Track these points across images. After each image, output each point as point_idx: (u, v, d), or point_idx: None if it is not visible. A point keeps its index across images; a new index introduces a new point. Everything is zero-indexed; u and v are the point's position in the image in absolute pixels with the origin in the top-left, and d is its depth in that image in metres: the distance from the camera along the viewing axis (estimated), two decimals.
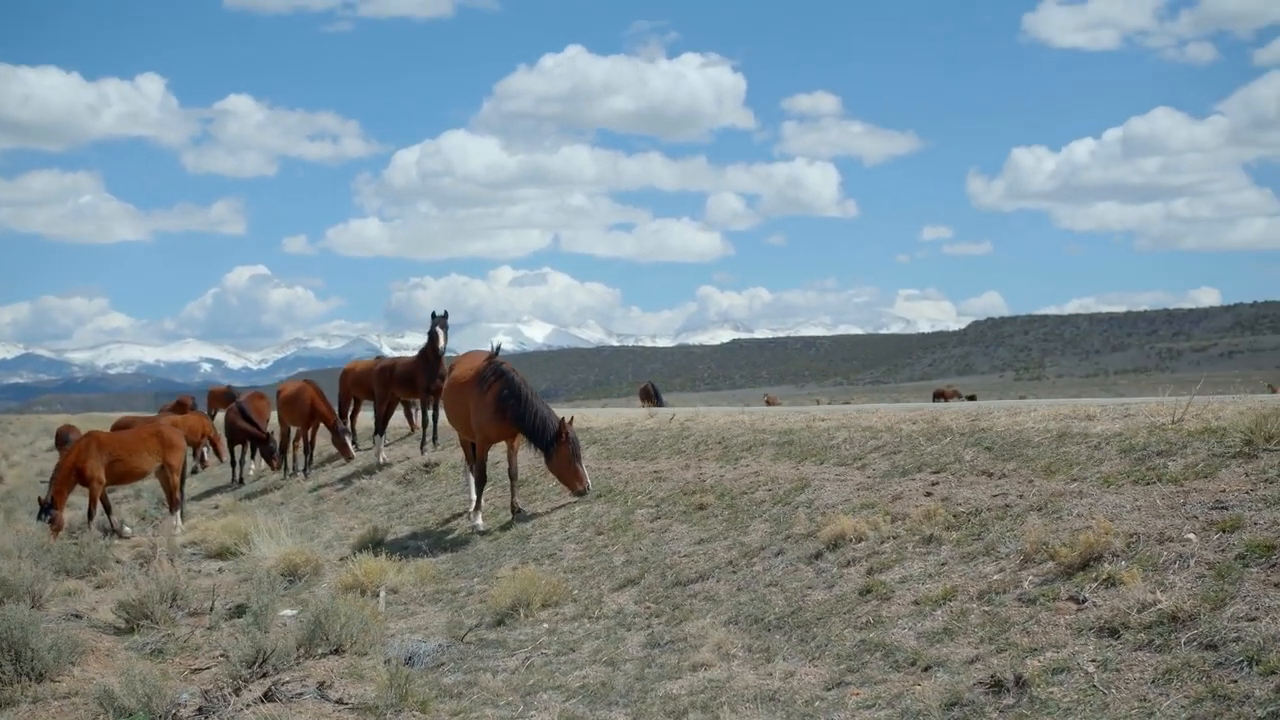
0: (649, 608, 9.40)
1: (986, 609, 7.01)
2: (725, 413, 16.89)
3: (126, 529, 19.88)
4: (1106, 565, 6.83)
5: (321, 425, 24.07)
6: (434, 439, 21.36)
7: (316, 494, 21.14)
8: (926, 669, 6.57)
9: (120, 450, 19.08)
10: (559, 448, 13.67)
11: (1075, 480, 8.55)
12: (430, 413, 21.42)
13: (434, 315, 20.82)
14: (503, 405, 13.99)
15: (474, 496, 15.05)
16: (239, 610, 12.32)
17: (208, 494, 24.81)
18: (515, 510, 14.07)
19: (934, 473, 9.95)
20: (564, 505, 13.94)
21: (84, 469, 18.65)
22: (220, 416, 38.05)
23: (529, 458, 15.32)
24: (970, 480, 9.40)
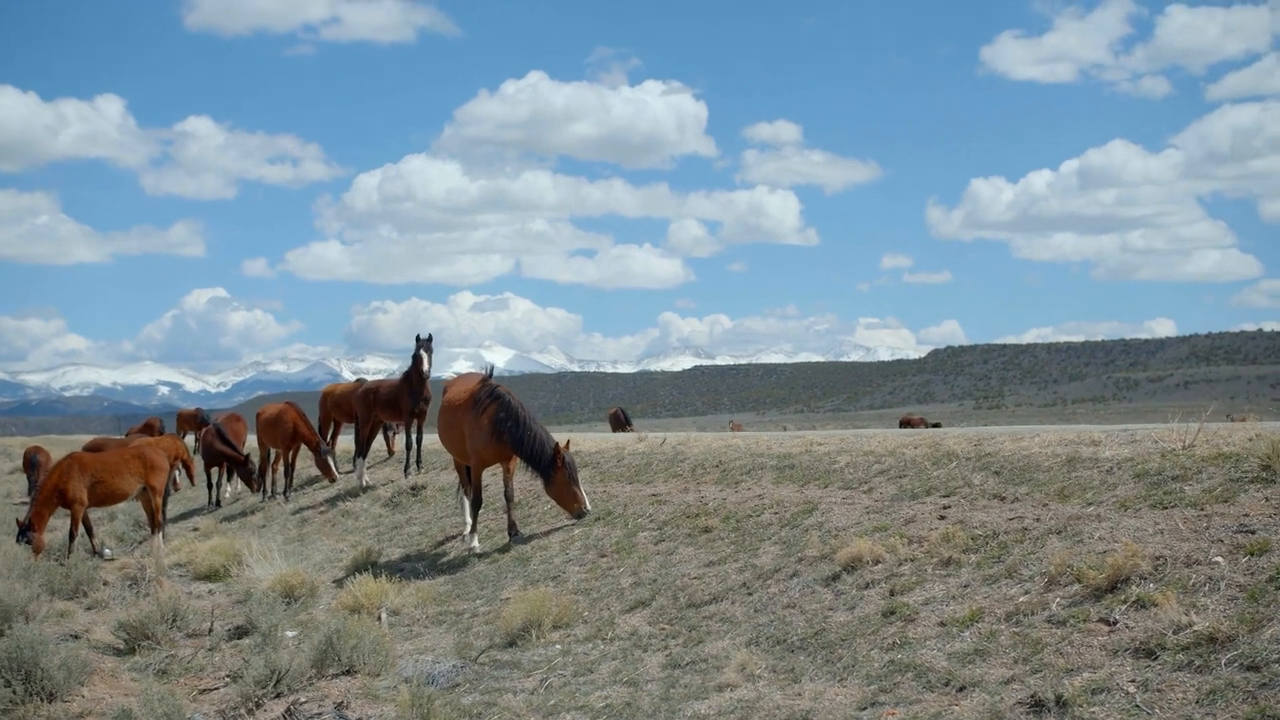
0: (664, 629, 9.44)
1: (1016, 630, 7.10)
2: (717, 437, 16.95)
3: (107, 551, 19.70)
4: (1135, 587, 6.94)
5: (302, 447, 24.00)
6: (418, 462, 21.30)
7: (300, 516, 21.02)
8: (961, 689, 6.65)
9: (103, 472, 18.93)
10: (556, 471, 13.71)
11: (1091, 504, 8.68)
12: (414, 436, 21.37)
13: (418, 339, 20.82)
14: (499, 428, 14.01)
15: (469, 519, 15.05)
16: (239, 631, 12.27)
17: (184, 516, 24.60)
18: (513, 532, 14.07)
19: (944, 496, 10.07)
20: (561, 528, 13.96)
21: (66, 490, 18.48)
22: (190, 439, 37.81)
23: (521, 480, 15.34)
24: (983, 504, 9.52)
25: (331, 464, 23.19)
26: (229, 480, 26.87)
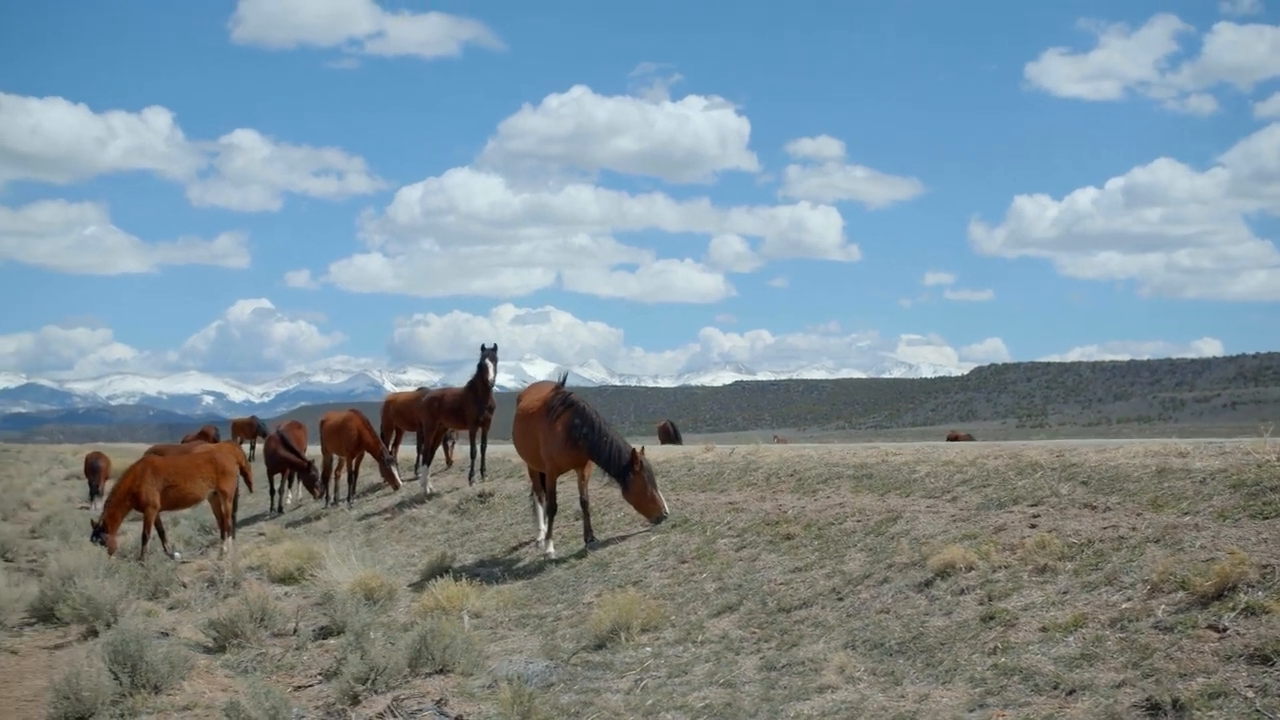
0: (754, 633, 9.56)
1: (1122, 636, 7.17)
2: (787, 448, 17.06)
3: (176, 554, 20.04)
4: (1244, 595, 7.00)
5: (364, 455, 24.30)
6: (482, 470, 21.49)
7: (366, 522, 21.28)
8: (1071, 692, 6.73)
9: (175, 476, 19.27)
10: (635, 476, 13.88)
11: (1187, 514, 8.72)
12: (479, 444, 21.57)
13: (483, 348, 21.03)
14: (574, 434, 14.19)
15: (542, 525, 15.23)
16: (324, 632, 12.49)
17: (247, 522, 24.89)
18: (588, 538, 14.21)
19: (1031, 506, 10.13)
20: (636, 534, 14.10)
21: (140, 493, 18.82)
22: (245, 447, 38.28)
23: (590, 488, 15.50)
24: (1074, 513, 9.57)
25: (395, 472, 23.45)
26: (289, 486, 27.24)
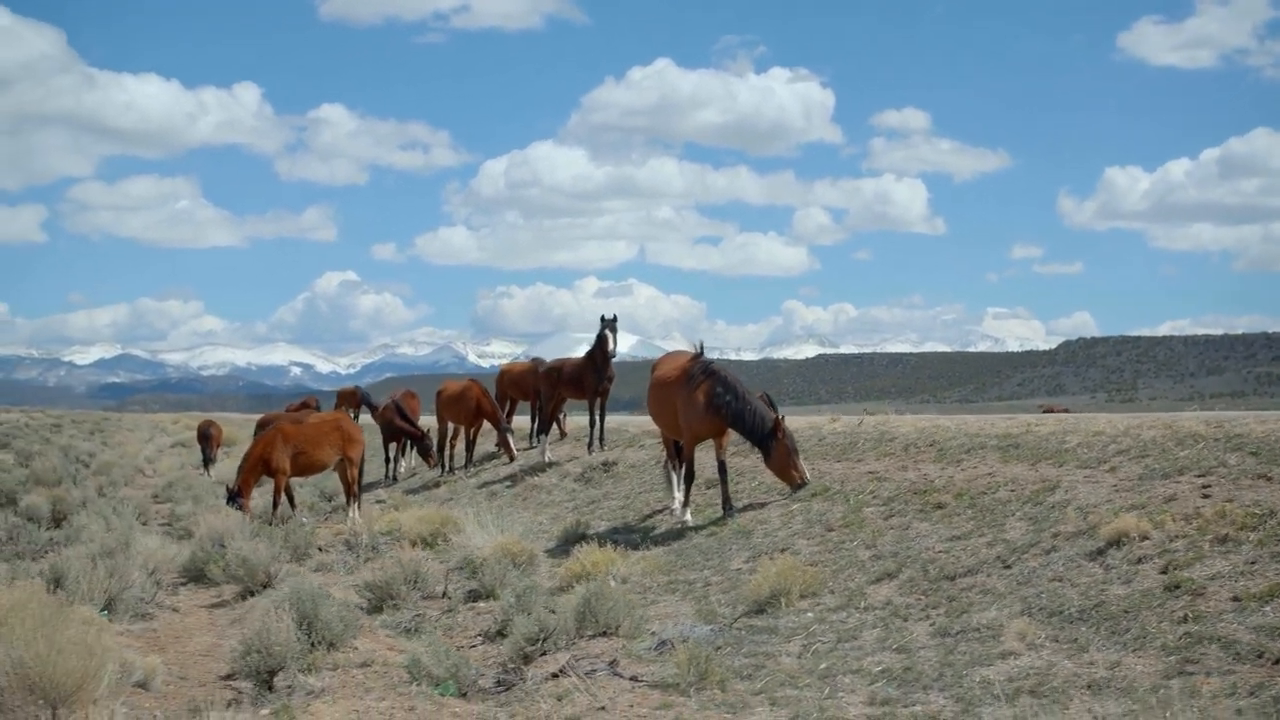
0: (919, 600, 9.59)
1: None
2: (918, 418, 17.02)
3: (303, 520, 20.48)
4: None
5: (481, 424, 24.61)
6: (601, 439, 21.65)
7: (487, 490, 21.57)
8: (1277, 661, 6.69)
9: (305, 443, 19.66)
10: (778, 443, 13.96)
11: None
12: (598, 414, 21.73)
13: (603, 319, 21.18)
14: (716, 403, 14.26)
15: (677, 493, 15.34)
16: (473, 595, 12.72)
17: (362, 490, 25.27)
18: (726, 506, 14.30)
19: (1199, 476, 10.02)
20: (772, 502, 14.18)
21: (271, 460, 19.26)
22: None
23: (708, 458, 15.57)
24: (1247, 484, 9.46)
25: (511, 442, 23.73)
26: (402, 455, 27.69)
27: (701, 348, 15.32)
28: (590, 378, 21.45)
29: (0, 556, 15.18)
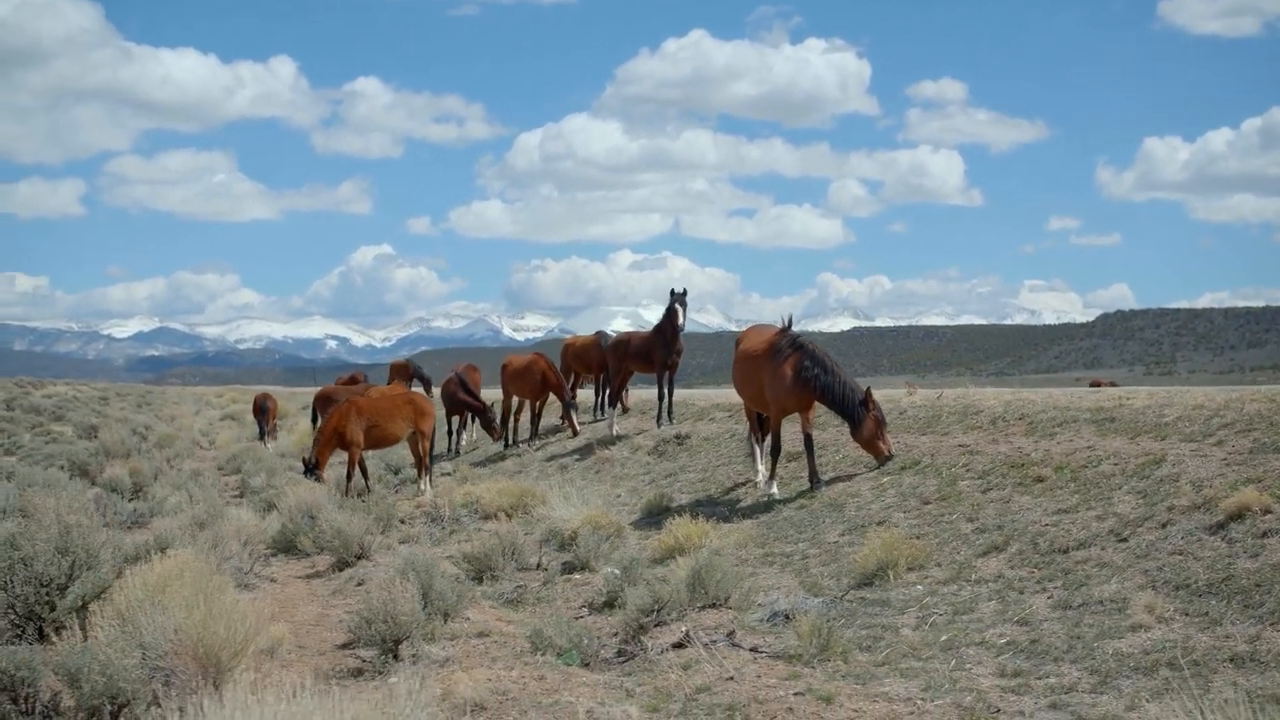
0: (1032, 573, 9.61)
1: None
2: (998, 392, 17.01)
3: (381, 492, 20.67)
4: None
5: (547, 398, 24.73)
6: (669, 413, 21.70)
7: (556, 464, 21.68)
8: None
9: (377, 416, 19.84)
10: (868, 416, 14.01)
11: None
12: (666, 387, 21.78)
13: (673, 293, 21.24)
14: (804, 376, 14.29)
15: (761, 467, 15.41)
16: (568, 566, 12.83)
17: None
18: (814, 480, 14.34)
19: None
20: (859, 475, 14.22)
21: (345, 433, 19.45)
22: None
23: (790, 431, 15.60)
24: None
25: (574, 416, 23.86)
26: (463, 428, 27.88)
27: (790, 321, 15.33)
28: (659, 351, 21.51)
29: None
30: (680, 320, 21.02)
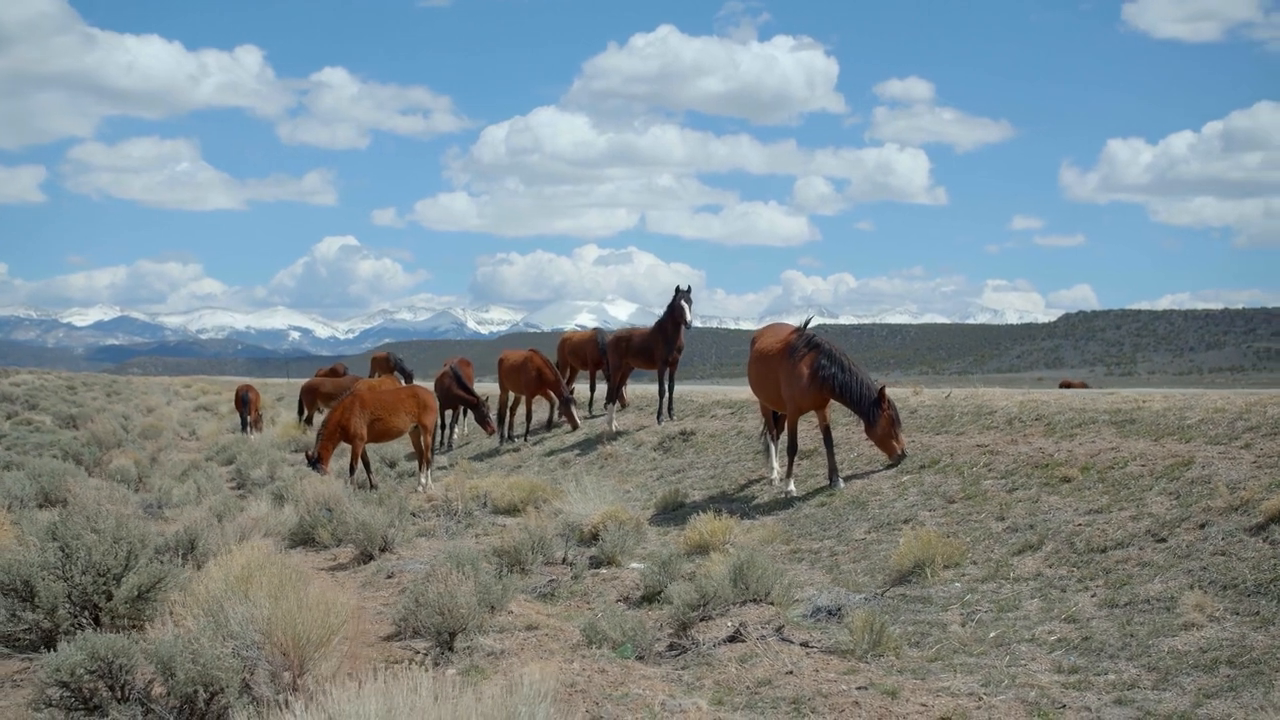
0: (1071, 571, 9.79)
1: None
2: (1006, 392, 17.23)
3: (377, 486, 20.68)
4: None
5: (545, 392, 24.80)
6: (670, 409, 21.84)
7: (557, 459, 21.76)
8: None
9: (381, 410, 19.89)
10: (883, 413, 14.19)
11: None
12: (667, 384, 21.90)
13: (678, 289, 21.38)
14: (821, 375, 14.45)
15: (777, 464, 15.58)
16: (595, 561, 12.92)
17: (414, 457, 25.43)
18: (833, 477, 14.49)
19: None
20: (876, 473, 14.38)
21: (348, 426, 19.50)
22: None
23: (804, 430, 15.76)
24: None
25: (574, 411, 23.94)
26: (454, 424, 27.92)
27: (807, 321, 15.50)
28: (661, 348, 21.64)
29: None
30: (688, 317, 21.16)
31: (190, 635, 6.60)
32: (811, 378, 14.56)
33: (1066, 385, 55.42)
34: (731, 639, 9.21)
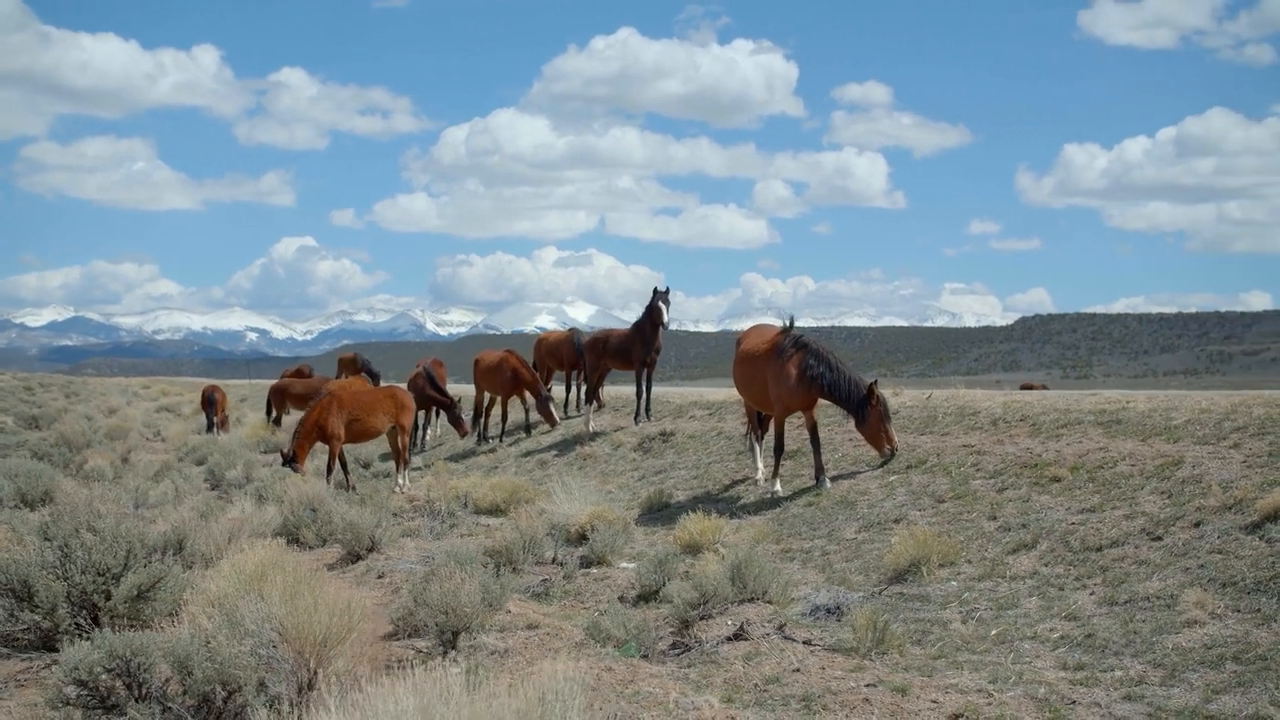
0: (1068, 570, 9.88)
1: None
2: (987, 394, 17.35)
3: (354, 487, 20.57)
4: None
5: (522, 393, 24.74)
6: (647, 410, 21.86)
7: (535, 459, 21.72)
8: None
9: (359, 410, 19.79)
10: (872, 409, 14.27)
11: None
12: (644, 385, 21.92)
13: (656, 290, 21.38)
14: (809, 375, 14.52)
15: (761, 464, 15.63)
16: (585, 561, 12.90)
17: (386, 458, 25.36)
18: (820, 475, 14.55)
19: None
20: (862, 473, 14.45)
21: (326, 426, 19.39)
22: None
23: (790, 430, 15.80)
24: None
25: (553, 410, 23.91)
26: (428, 424, 27.82)
27: (791, 321, 15.55)
28: (639, 349, 21.65)
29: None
30: (665, 318, 21.17)
31: (206, 634, 6.54)
32: (800, 378, 14.62)
33: (1028, 387, 56.01)
34: (734, 637, 9.22)
